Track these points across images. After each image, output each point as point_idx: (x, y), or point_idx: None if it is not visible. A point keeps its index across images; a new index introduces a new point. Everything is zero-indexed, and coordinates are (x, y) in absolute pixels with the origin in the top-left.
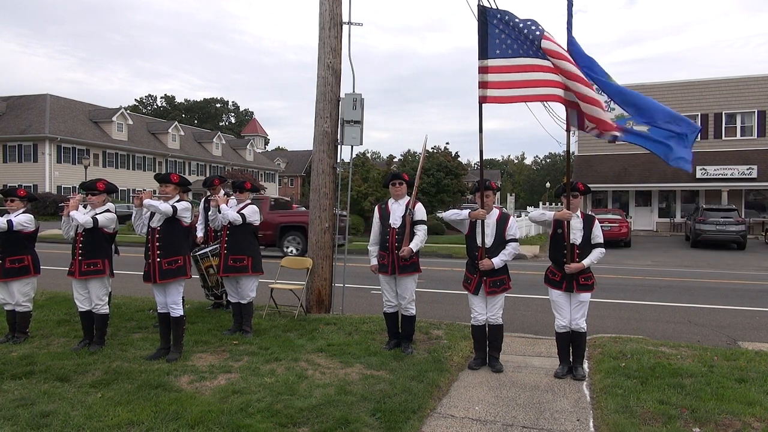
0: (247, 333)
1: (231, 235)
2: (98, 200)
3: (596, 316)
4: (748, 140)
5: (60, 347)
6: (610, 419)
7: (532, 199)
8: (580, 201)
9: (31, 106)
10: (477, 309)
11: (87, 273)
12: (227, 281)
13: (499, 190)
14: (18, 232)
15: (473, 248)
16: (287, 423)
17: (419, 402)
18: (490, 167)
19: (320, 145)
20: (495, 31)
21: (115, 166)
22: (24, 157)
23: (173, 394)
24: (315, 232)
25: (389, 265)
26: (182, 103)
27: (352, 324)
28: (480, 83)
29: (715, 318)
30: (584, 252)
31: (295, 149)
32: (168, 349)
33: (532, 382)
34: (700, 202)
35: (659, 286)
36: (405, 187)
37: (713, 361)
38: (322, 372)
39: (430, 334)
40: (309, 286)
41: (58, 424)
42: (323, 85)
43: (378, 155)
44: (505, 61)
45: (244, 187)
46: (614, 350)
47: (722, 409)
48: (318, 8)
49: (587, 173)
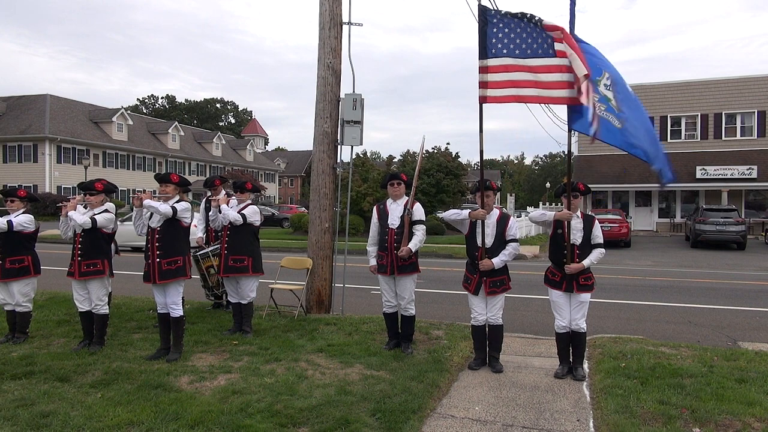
0: (247, 333)
1: (231, 235)
2: (97, 200)
3: (596, 317)
4: (748, 140)
5: (60, 347)
6: (610, 419)
7: (531, 199)
8: (581, 201)
9: (31, 106)
10: (477, 309)
11: (86, 273)
12: (227, 281)
13: (499, 191)
14: (18, 232)
15: (473, 248)
16: (287, 423)
17: (419, 402)
18: (490, 167)
19: (320, 145)
20: (495, 31)
21: (115, 166)
22: (24, 157)
23: (173, 395)
24: (315, 232)
25: (388, 266)
26: (182, 103)
27: (352, 324)
28: (480, 83)
29: (715, 318)
30: (584, 252)
31: (295, 149)
32: (168, 349)
33: (532, 382)
34: (700, 202)
35: (659, 286)
36: (403, 187)
37: (713, 362)
38: (322, 372)
39: (430, 335)
40: (309, 286)
41: (58, 424)
42: (323, 85)
43: (378, 155)
44: (505, 60)
45: (245, 187)
46: (614, 350)
47: (722, 409)
48: (318, 8)
49: (587, 173)
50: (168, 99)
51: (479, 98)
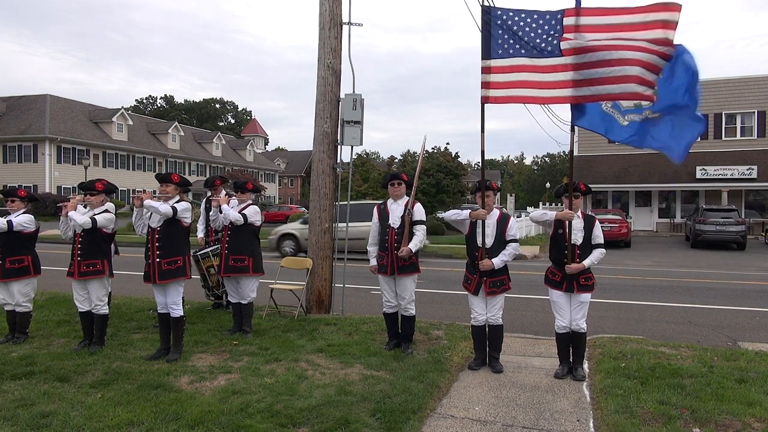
0: (247, 333)
1: (232, 235)
2: (97, 200)
3: (596, 317)
4: (748, 140)
5: (60, 348)
6: (610, 419)
7: (531, 199)
8: (581, 201)
9: (31, 106)
10: (477, 309)
11: (86, 274)
12: (228, 281)
13: (499, 191)
14: (18, 232)
15: (473, 248)
16: (287, 423)
17: (419, 402)
18: (490, 167)
19: (320, 145)
20: (499, 32)
21: (115, 166)
22: (24, 157)
23: (173, 395)
24: (315, 233)
25: (388, 266)
26: (182, 103)
27: (352, 324)
28: (482, 83)
29: (715, 318)
30: (585, 252)
31: (295, 149)
32: (168, 349)
33: (532, 382)
34: (700, 202)
35: (659, 286)
36: (404, 188)
37: (713, 362)
38: (322, 372)
39: (430, 335)
40: (309, 286)
41: (58, 424)
42: (323, 85)
43: (377, 155)
44: (508, 61)
45: (245, 187)
46: (614, 351)
47: (722, 409)
48: (318, 8)
49: (587, 173)
50: (166, 99)
51: (481, 98)
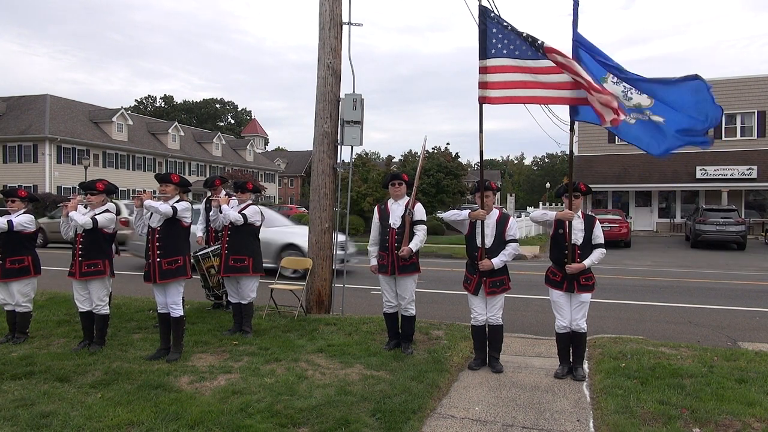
0: (247, 333)
1: (232, 235)
2: (98, 200)
3: (596, 317)
4: (748, 140)
5: (60, 348)
6: (610, 420)
7: (531, 199)
8: (581, 201)
9: (31, 106)
10: (477, 309)
11: (87, 274)
12: (228, 281)
13: (499, 191)
14: (18, 232)
15: (473, 248)
16: (287, 423)
17: (419, 402)
18: (489, 167)
19: (320, 145)
20: (495, 32)
21: (115, 166)
22: (24, 157)
23: (173, 395)
24: (315, 233)
25: (389, 266)
26: (182, 103)
27: (352, 324)
28: (480, 83)
29: (715, 318)
30: (585, 252)
31: (295, 149)
32: (168, 349)
33: (532, 382)
34: (700, 202)
35: (659, 286)
36: (404, 188)
37: (713, 362)
38: (322, 372)
39: (430, 335)
40: (309, 286)
41: (58, 424)
42: (323, 85)
43: (377, 155)
44: (505, 61)
45: (245, 187)
46: (614, 351)
47: (722, 409)
48: (318, 8)
49: (587, 173)
50: (166, 99)
51: (479, 99)
